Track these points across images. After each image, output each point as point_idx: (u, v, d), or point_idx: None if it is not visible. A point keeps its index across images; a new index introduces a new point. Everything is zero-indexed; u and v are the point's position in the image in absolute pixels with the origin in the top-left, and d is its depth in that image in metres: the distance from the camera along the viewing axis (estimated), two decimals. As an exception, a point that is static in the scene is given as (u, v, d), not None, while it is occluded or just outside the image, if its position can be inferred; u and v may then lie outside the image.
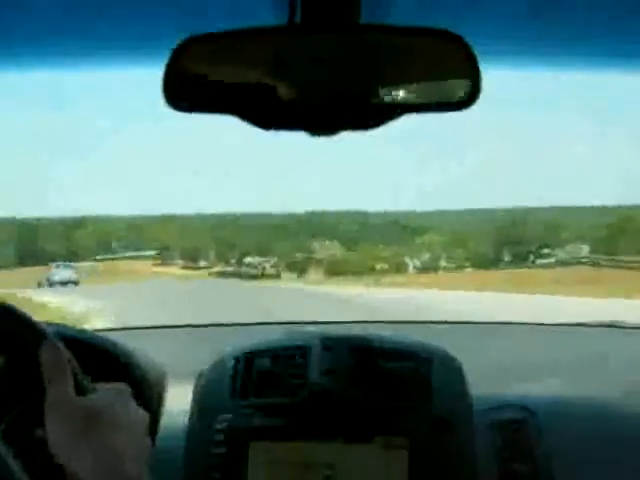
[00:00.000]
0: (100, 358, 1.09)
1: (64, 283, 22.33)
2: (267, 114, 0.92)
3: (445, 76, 0.90)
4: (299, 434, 1.26)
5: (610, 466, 1.30)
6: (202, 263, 25.01)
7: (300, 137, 0.93)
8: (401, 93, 0.89)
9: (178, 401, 1.30)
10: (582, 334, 1.80)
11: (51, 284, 22.28)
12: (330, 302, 12.63)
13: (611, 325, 1.78)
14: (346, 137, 0.94)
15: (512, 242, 23.75)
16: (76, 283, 22.89)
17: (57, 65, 1.25)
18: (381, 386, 1.28)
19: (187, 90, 0.92)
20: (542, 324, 2.07)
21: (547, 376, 1.45)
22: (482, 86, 0.85)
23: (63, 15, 1.04)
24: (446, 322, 2.15)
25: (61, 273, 23.70)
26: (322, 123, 0.91)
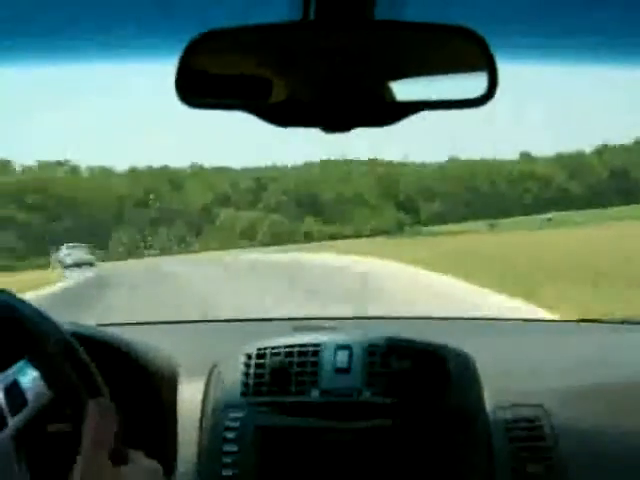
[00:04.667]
0: (113, 354, 1.09)
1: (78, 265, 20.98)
2: (281, 111, 0.91)
3: (461, 72, 0.89)
4: (311, 432, 1.26)
5: (625, 464, 1.29)
6: None
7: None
8: (416, 90, 0.88)
9: (190, 395, 1.30)
10: (594, 330, 1.79)
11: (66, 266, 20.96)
12: None
13: (624, 321, 1.77)
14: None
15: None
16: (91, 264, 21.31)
17: (71, 59, 1.25)
18: (394, 384, 1.27)
19: (200, 86, 0.91)
20: (554, 321, 2.06)
21: (561, 373, 1.43)
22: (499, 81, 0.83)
23: (78, 11, 1.04)
24: (457, 318, 2.14)
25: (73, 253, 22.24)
26: (337, 120, 0.90)
